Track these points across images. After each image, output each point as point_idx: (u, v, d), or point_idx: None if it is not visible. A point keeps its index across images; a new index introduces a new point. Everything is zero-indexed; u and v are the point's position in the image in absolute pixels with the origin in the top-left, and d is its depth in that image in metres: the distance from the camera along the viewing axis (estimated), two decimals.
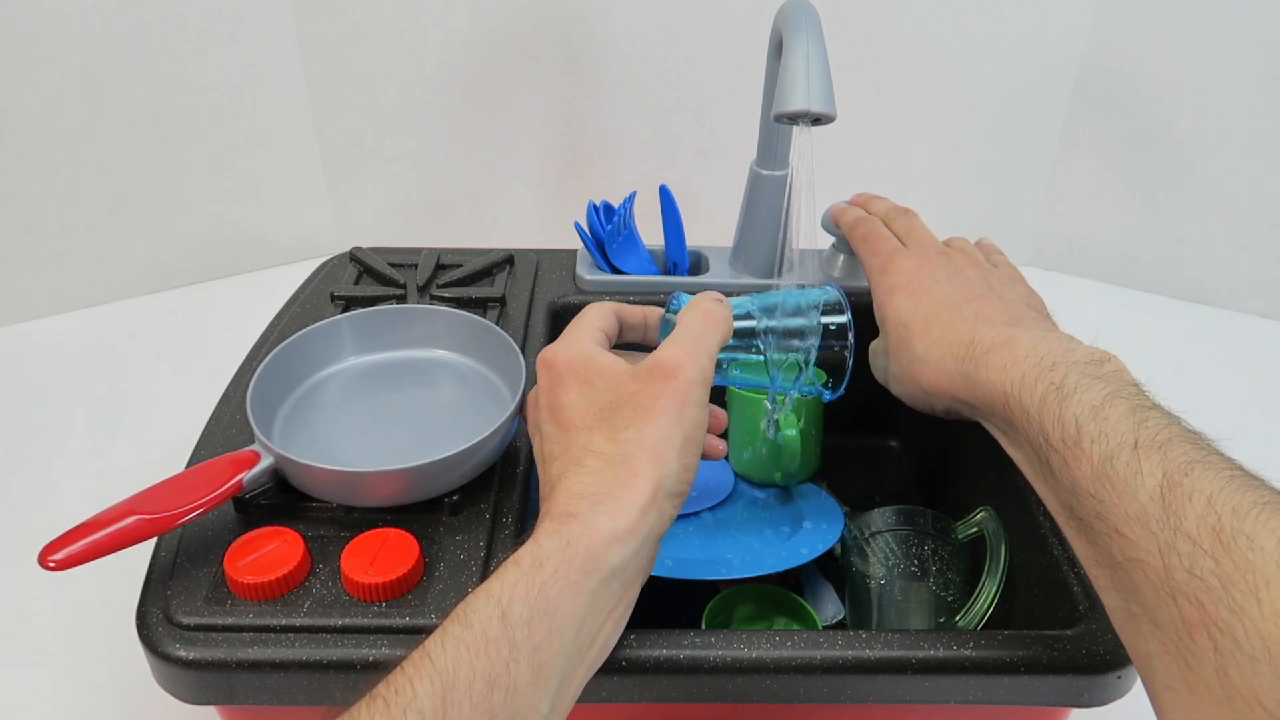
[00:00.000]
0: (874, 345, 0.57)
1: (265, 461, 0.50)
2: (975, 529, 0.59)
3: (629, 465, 0.43)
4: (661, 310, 0.54)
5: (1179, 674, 0.34)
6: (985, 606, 0.57)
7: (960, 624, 0.57)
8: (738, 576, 0.57)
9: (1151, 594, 0.36)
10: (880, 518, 0.62)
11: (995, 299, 0.53)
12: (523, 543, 0.41)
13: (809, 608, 0.61)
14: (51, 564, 0.43)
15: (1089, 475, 0.39)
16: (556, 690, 0.39)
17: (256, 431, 0.51)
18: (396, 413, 0.59)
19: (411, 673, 0.36)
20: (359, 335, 0.62)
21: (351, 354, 0.62)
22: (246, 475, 0.50)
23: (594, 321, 0.50)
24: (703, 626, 0.58)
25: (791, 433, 0.63)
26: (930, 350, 0.51)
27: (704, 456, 0.47)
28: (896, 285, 0.56)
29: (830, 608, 0.64)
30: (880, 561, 0.60)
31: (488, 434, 0.51)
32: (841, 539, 0.68)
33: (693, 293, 0.73)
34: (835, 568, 0.69)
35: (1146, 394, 0.42)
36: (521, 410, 0.54)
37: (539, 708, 0.38)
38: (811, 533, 0.62)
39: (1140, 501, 0.37)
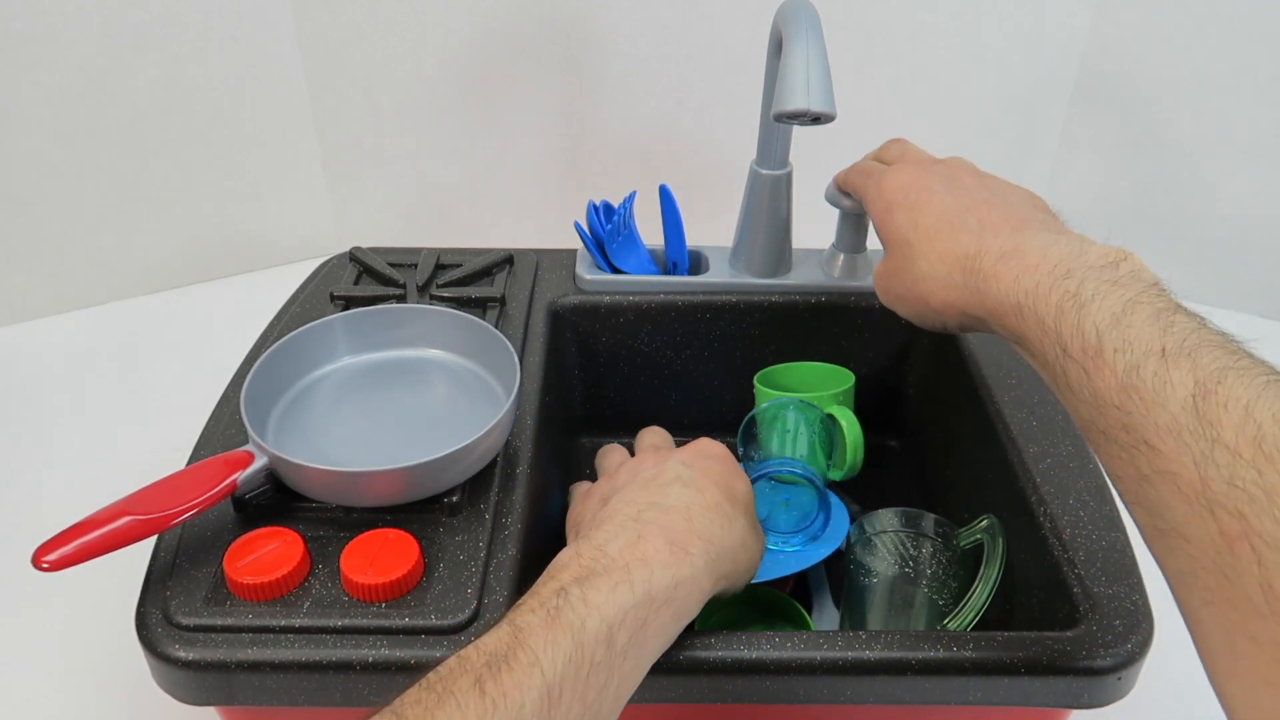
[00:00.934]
0: (877, 267, 0.55)
1: (259, 462, 0.50)
2: (977, 537, 0.59)
3: (741, 540, 0.48)
4: None
5: (1218, 589, 0.32)
6: (971, 613, 0.56)
7: (948, 625, 0.57)
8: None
9: (1184, 507, 0.34)
10: (884, 518, 0.62)
11: (998, 204, 0.51)
12: (527, 541, 0.43)
13: (801, 609, 0.61)
14: (45, 565, 0.43)
15: (1113, 386, 0.38)
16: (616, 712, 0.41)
17: (250, 432, 0.51)
18: (390, 412, 0.58)
19: (522, 677, 0.36)
20: (353, 335, 0.62)
21: (345, 354, 0.62)
22: (240, 476, 0.50)
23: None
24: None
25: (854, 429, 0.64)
26: (935, 266, 0.49)
27: None
28: (894, 201, 0.54)
29: (826, 618, 0.64)
30: (878, 560, 0.60)
31: (482, 434, 0.51)
32: (847, 535, 0.68)
33: (693, 293, 0.74)
34: (836, 565, 0.69)
35: (1169, 296, 0.41)
36: (518, 409, 0.54)
37: None
38: (817, 534, 0.62)
39: (1171, 412, 0.35)
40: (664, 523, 0.45)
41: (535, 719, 0.35)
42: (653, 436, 0.61)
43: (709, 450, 0.53)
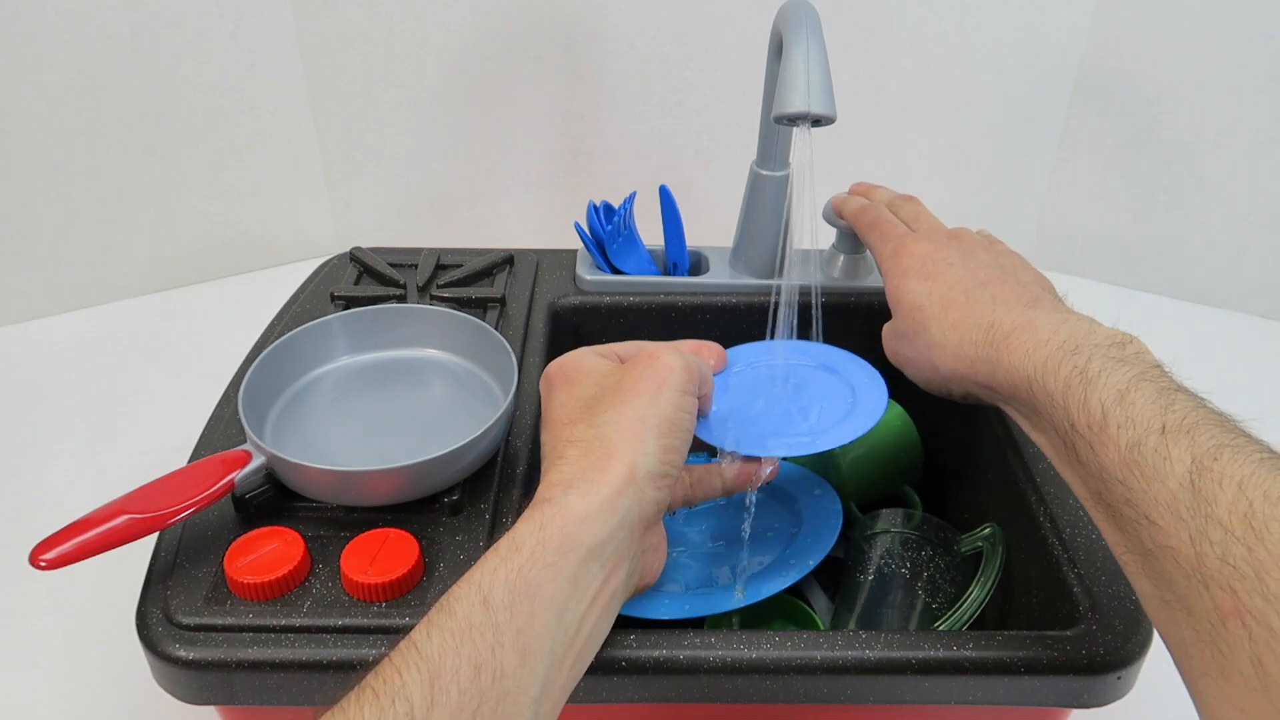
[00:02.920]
0: (887, 328, 0.56)
1: (257, 461, 0.50)
2: (978, 544, 0.59)
3: (604, 447, 0.43)
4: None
5: (1214, 662, 0.34)
6: (964, 619, 0.56)
7: (939, 627, 0.57)
8: (728, 610, 0.56)
9: (1184, 581, 0.35)
10: (885, 518, 0.63)
11: (1011, 281, 0.53)
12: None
13: (812, 611, 0.61)
14: (42, 563, 0.43)
15: (1117, 461, 0.39)
16: (546, 673, 0.39)
17: (248, 431, 0.51)
18: (388, 412, 0.59)
19: (399, 662, 0.36)
20: (351, 335, 0.62)
21: (344, 354, 0.62)
22: (238, 475, 0.50)
23: (601, 348, 0.52)
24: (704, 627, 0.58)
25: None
26: (948, 334, 0.50)
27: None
28: (910, 268, 0.55)
29: (822, 612, 0.64)
30: (875, 560, 0.60)
31: (479, 434, 0.51)
32: (844, 534, 0.68)
33: (693, 293, 0.74)
34: (835, 564, 0.69)
35: (1170, 376, 0.42)
36: (517, 409, 0.54)
37: (529, 689, 0.38)
38: (808, 539, 0.61)
39: (1170, 488, 0.36)
40: (545, 477, 0.44)
41: (419, 690, 0.35)
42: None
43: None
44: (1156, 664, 0.48)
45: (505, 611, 0.38)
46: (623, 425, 0.44)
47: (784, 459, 0.59)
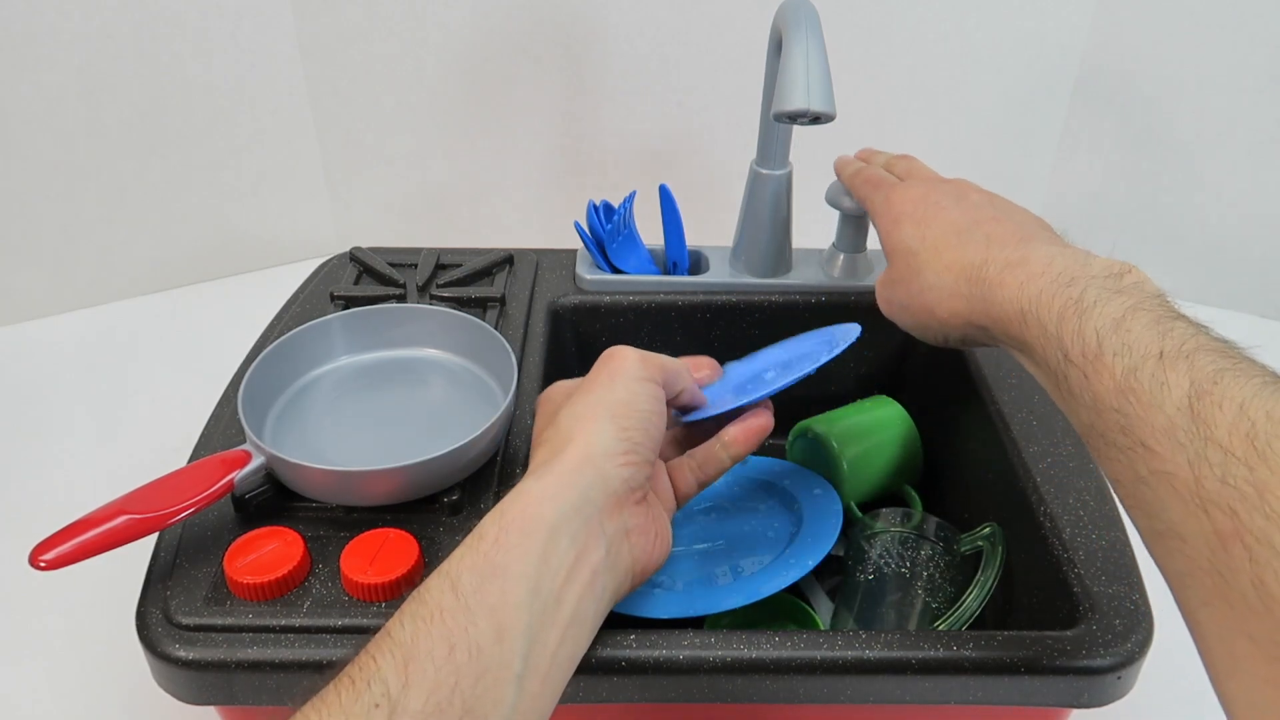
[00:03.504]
0: (881, 278, 0.56)
1: (256, 461, 0.50)
2: (978, 544, 0.59)
3: (563, 437, 0.45)
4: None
5: (1214, 588, 0.33)
6: (963, 618, 0.56)
7: (939, 627, 0.57)
8: (728, 609, 0.56)
9: (1179, 507, 0.34)
10: (885, 518, 0.62)
11: (1005, 220, 0.52)
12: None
13: (812, 611, 0.61)
14: (42, 564, 0.43)
15: (1111, 389, 0.38)
16: (527, 649, 0.39)
17: (248, 431, 0.51)
18: (388, 412, 0.59)
19: (374, 651, 0.37)
20: (350, 335, 0.62)
21: (343, 353, 0.62)
22: (238, 475, 0.50)
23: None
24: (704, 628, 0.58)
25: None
26: (942, 276, 0.50)
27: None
28: (902, 214, 0.55)
29: (823, 610, 0.64)
30: (874, 559, 0.60)
31: (478, 433, 0.51)
32: (844, 534, 0.68)
33: (693, 293, 0.74)
34: (833, 563, 0.69)
35: (1170, 304, 0.41)
36: (517, 408, 0.54)
37: (510, 665, 0.38)
38: (808, 538, 0.61)
39: (1167, 413, 0.35)
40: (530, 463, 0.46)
41: (394, 673, 0.35)
42: None
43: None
44: (1156, 664, 0.48)
45: (475, 594, 0.38)
46: (578, 414, 0.46)
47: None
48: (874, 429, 0.69)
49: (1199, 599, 0.34)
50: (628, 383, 0.47)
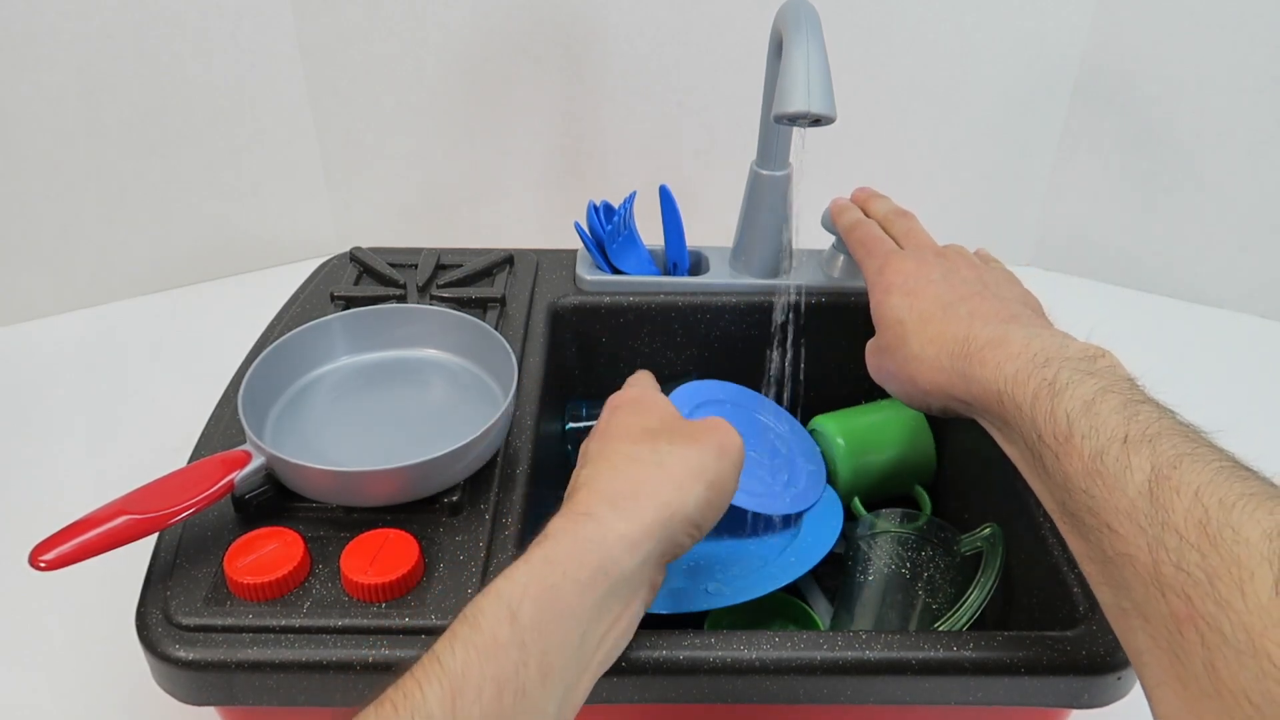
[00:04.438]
0: (870, 344, 0.57)
1: (256, 461, 0.50)
2: (978, 545, 0.59)
3: (659, 473, 0.44)
4: None
5: (1170, 669, 0.34)
6: (964, 618, 0.56)
7: (939, 627, 0.57)
8: (728, 604, 0.56)
9: (1141, 589, 0.35)
10: (886, 518, 0.63)
11: (990, 298, 0.53)
12: (530, 541, 0.41)
13: (811, 611, 0.61)
14: (42, 564, 0.43)
15: (1080, 470, 0.39)
16: (564, 694, 0.39)
17: (248, 431, 0.51)
18: (388, 412, 0.59)
19: (420, 676, 0.36)
20: (351, 335, 0.62)
21: (343, 354, 0.62)
22: (238, 475, 0.50)
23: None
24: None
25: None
26: (925, 348, 0.51)
27: None
28: (893, 285, 0.56)
29: (822, 611, 0.64)
30: (874, 560, 0.60)
31: (479, 434, 0.51)
32: (844, 533, 0.68)
33: (693, 293, 0.74)
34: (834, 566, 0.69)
35: (1140, 389, 0.42)
36: (517, 409, 0.54)
37: (547, 710, 0.38)
38: (808, 538, 0.61)
39: (1129, 496, 0.37)
40: (589, 485, 0.45)
41: (439, 706, 0.35)
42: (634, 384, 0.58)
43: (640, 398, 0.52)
44: None
45: (533, 630, 0.38)
46: (683, 461, 0.45)
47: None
48: (882, 428, 0.69)
49: (1155, 679, 0.35)
50: (728, 465, 0.47)
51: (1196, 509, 0.34)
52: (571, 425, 0.71)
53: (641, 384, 0.55)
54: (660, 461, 0.45)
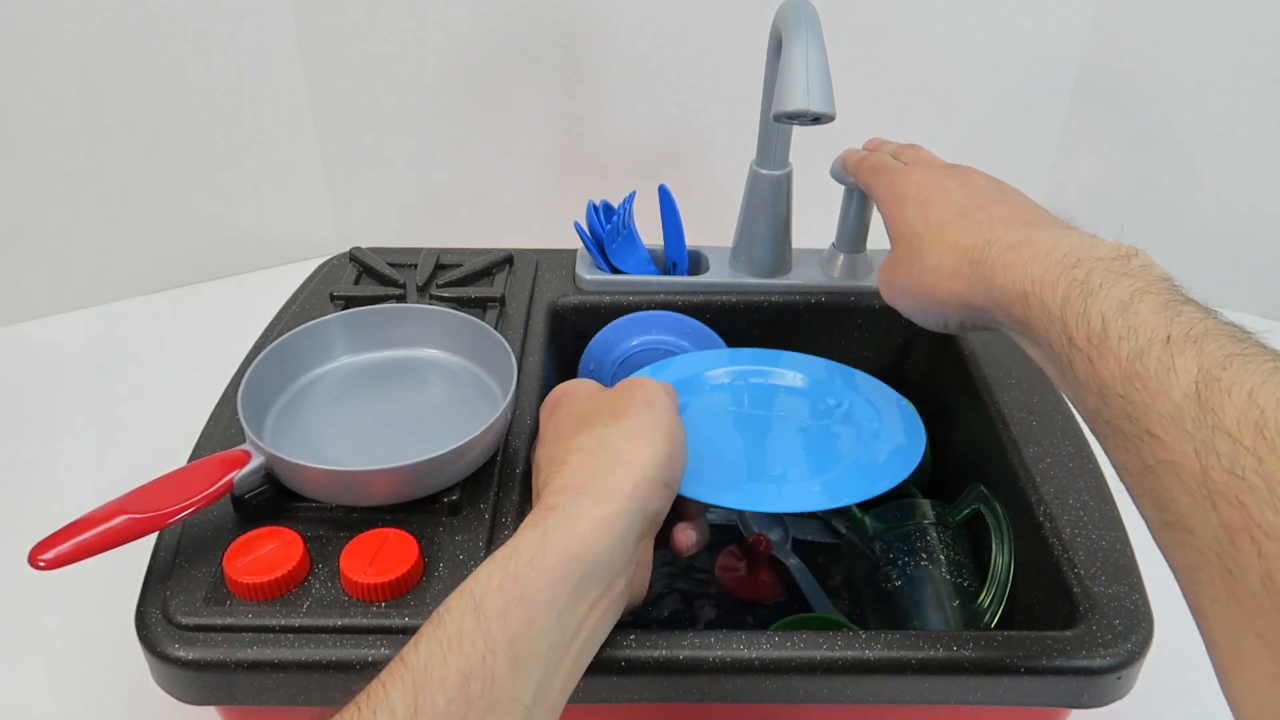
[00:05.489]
0: (883, 262, 0.55)
1: (256, 461, 0.50)
2: (970, 508, 0.59)
3: (610, 452, 0.44)
4: None
5: (1222, 584, 0.31)
6: (1004, 576, 0.56)
7: (984, 602, 0.56)
8: (815, 508, 0.53)
9: (1187, 499, 0.33)
10: (878, 518, 0.62)
11: (1009, 203, 0.51)
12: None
13: (849, 625, 0.60)
14: (41, 563, 0.43)
15: (1117, 375, 0.37)
16: (540, 680, 0.38)
17: (247, 430, 0.51)
18: (388, 412, 0.59)
19: (386, 677, 0.36)
20: (350, 335, 0.62)
21: (343, 353, 0.62)
22: (237, 475, 0.50)
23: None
24: None
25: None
26: (944, 257, 0.49)
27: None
28: (906, 196, 0.54)
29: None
30: (889, 563, 0.60)
31: (479, 433, 0.51)
32: (841, 549, 0.67)
33: (693, 293, 0.74)
34: (830, 564, 0.69)
35: (1179, 289, 0.40)
36: (517, 409, 0.54)
37: (520, 698, 0.37)
38: (889, 453, 0.57)
39: (1174, 400, 0.34)
40: (548, 486, 0.44)
41: (403, 701, 0.35)
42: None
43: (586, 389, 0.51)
44: (1157, 664, 0.48)
45: (498, 619, 0.37)
46: (629, 434, 0.45)
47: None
48: None
49: (1207, 595, 0.33)
50: (664, 412, 0.46)
51: (1251, 411, 0.31)
52: None
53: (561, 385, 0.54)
54: (605, 443, 0.45)
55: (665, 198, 0.74)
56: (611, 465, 0.43)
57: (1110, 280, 0.40)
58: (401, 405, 0.59)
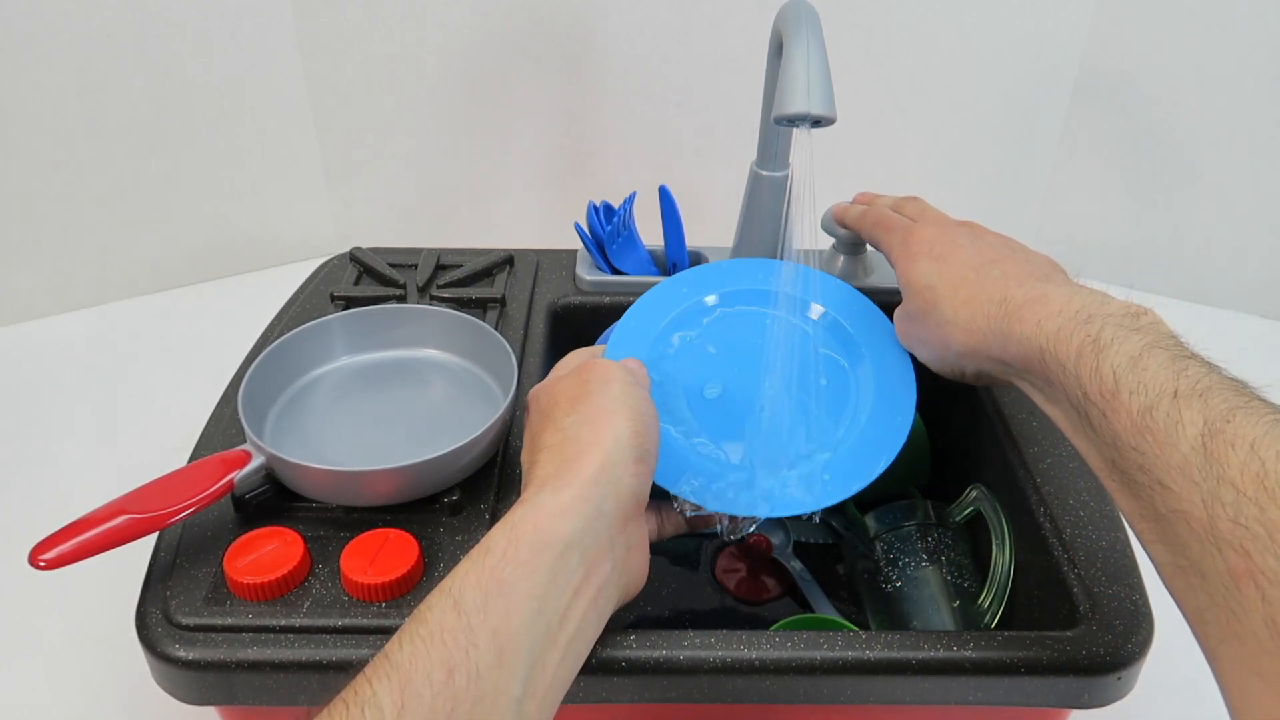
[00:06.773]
0: (898, 312, 0.56)
1: (256, 461, 0.50)
2: (970, 508, 0.59)
3: (574, 443, 0.44)
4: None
5: (1229, 627, 0.33)
6: (1004, 576, 0.56)
7: (984, 602, 0.56)
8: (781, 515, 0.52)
9: (1197, 546, 0.35)
10: (878, 519, 0.62)
11: (1020, 260, 0.53)
12: None
13: (853, 628, 0.60)
14: (41, 563, 0.43)
15: (1129, 427, 0.39)
16: (528, 672, 0.38)
17: (247, 431, 0.51)
18: (388, 412, 0.59)
19: (370, 674, 0.36)
20: (350, 335, 0.62)
21: (343, 354, 0.62)
22: (237, 475, 0.50)
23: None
24: None
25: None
26: (959, 311, 0.50)
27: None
28: (919, 251, 0.55)
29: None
30: (889, 564, 0.60)
31: (479, 433, 0.51)
32: (841, 550, 0.67)
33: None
34: (827, 565, 0.69)
35: (1185, 344, 0.42)
36: (517, 409, 0.54)
37: (508, 690, 0.37)
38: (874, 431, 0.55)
39: (1182, 451, 0.36)
40: (525, 484, 0.45)
41: (389, 698, 0.35)
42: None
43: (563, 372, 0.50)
44: (1157, 664, 0.48)
45: (479, 613, 0.38)
46: (588, 418, 0.45)
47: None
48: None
49: (1217, 636, 0.34)
50: (622, 388, 0.47)
51: (1253, 462, 0.34)
52: None
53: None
54: (567, 435, 0.45)
55: (665, 198, 0.74)
56: (576, 453, 0.44)
57: (1121, 335, 0.42)
58: (402, 405, 0.59)
